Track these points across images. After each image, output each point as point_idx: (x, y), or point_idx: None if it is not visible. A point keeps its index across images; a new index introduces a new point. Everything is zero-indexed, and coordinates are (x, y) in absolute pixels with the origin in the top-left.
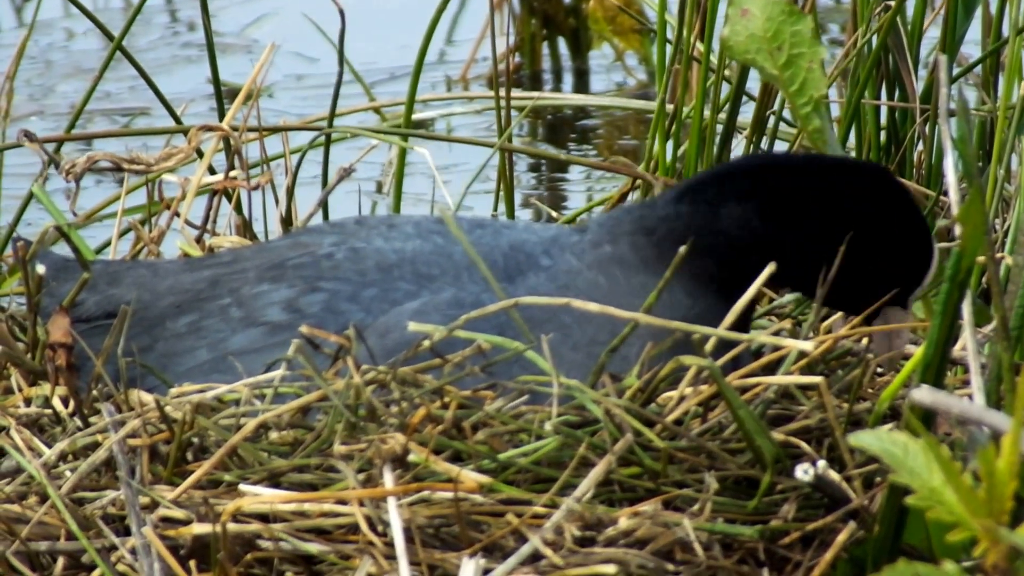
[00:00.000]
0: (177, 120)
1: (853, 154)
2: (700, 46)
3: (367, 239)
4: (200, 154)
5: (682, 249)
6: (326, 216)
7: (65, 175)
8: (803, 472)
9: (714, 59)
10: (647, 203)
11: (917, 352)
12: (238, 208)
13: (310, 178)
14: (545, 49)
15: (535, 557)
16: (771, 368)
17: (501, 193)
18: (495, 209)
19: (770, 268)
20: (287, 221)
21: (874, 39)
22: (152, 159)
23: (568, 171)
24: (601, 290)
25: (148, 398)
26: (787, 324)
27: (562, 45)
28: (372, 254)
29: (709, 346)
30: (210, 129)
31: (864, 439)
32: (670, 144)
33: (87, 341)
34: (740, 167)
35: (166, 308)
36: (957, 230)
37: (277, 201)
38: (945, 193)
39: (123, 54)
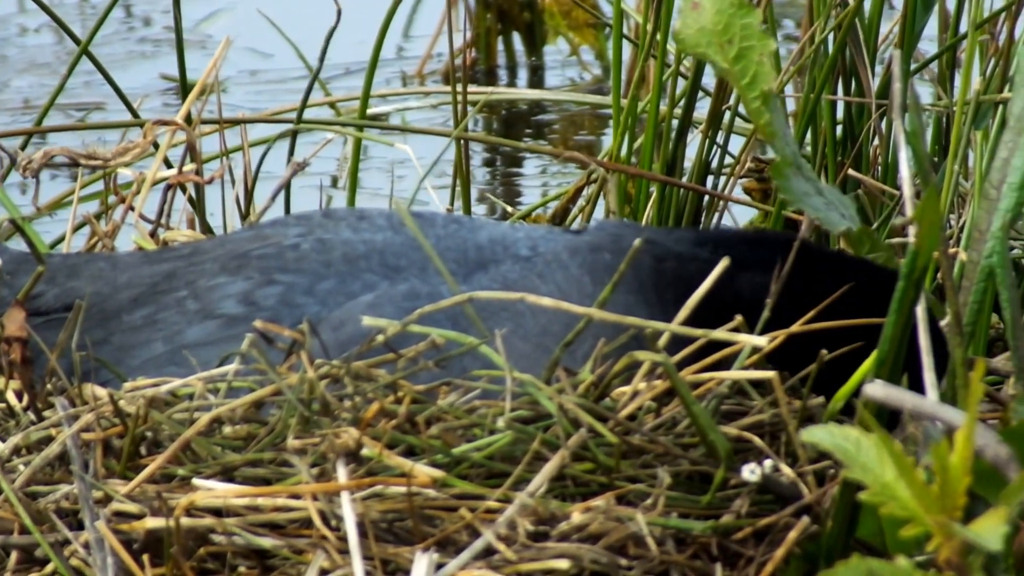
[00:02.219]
0: (135, 114)
1: (809, 149)
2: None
3: (335, 230)
4: (157, 147)
5: (630, 252)
6: (287, 210)
7: (22, 171)
8: (750, 472)
9: (671, 53)
10: (661, 231)
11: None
12: (193, 202)
13: (268, 172)
14: (500, 44)
15: (488, 552)
16: (725, 364)
17: (458, 188)
18: (451, 203)
19: (724, 263)
20: (245, 215)
21: (831, 35)
22: (108, 154)
23: (523, 166)
24: (584, 292)
25: (102, 392)
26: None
27: (517, 40)
28: (339, 245)
29: (662, 341)
30: (165, 124)
31: (816, 435)
32: (626, 139)
33: (44, 335)
34: (773, 239)
35: (123, 301)
36: (912, 227)
37: (236, 195)
38: (900, 188)
39: (88, 57)
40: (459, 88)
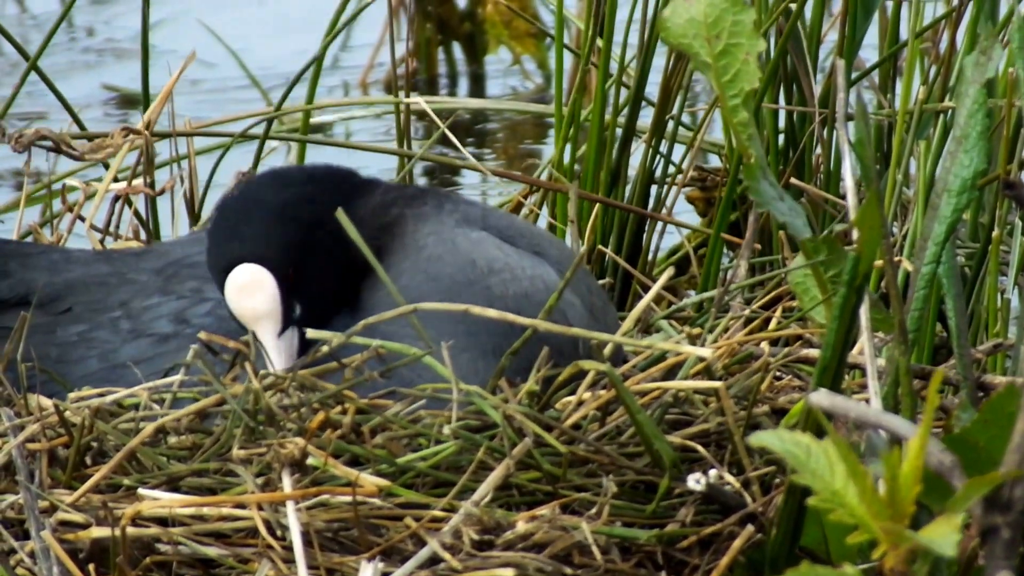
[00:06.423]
0: (80, 125)
1: None
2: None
3: None
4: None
5: (582, 249)
6: None
7: (13, 143)
8: (695, 482)
9: (613, 63)
10: None
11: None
12: (140, 217)
13: (216, 180)
14: (441, 54)
15: (433, 561)
16: (670, 373)
17: None
18: None
19: (669, 272)
20: (193, 224)
21: (772, 44)
22: (84, 147)
23: (462, 175)
24: None
25: (47, 402)
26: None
27: (457, 50)
28: None
29: (608, 351)
30: (132, 132)
31: (766, 439)
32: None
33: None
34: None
35: (61, 310)
36: (855, 234)
37: (188, 203)
38: (843, 197)
39: (34, 70)
40: (405, 97)
